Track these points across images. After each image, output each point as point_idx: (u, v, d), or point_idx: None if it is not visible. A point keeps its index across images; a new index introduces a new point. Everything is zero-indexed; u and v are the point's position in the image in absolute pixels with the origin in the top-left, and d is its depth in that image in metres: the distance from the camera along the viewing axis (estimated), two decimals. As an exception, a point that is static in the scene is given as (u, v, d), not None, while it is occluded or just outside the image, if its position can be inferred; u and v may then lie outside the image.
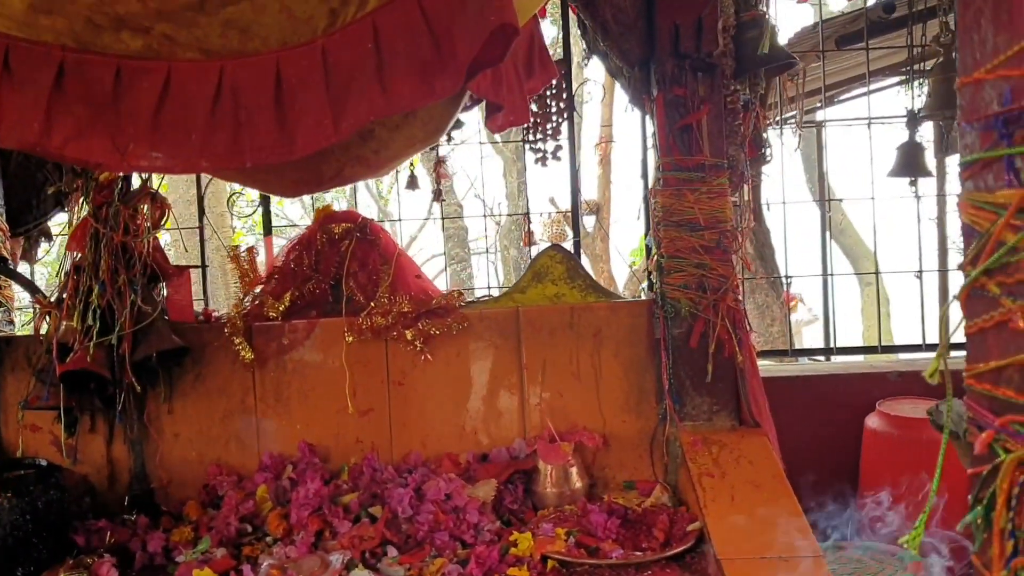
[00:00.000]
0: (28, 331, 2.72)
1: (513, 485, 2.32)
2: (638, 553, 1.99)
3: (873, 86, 4.81)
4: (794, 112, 4.78)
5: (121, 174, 2.36)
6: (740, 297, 2.44)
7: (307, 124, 1.44)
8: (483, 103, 2.13)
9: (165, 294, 2.43)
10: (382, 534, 2.06)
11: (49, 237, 3.01)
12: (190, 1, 1.39)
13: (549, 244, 3.40)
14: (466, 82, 1.41)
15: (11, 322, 2.66)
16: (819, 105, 5.57)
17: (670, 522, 2.12)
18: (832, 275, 4.28)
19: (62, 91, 1.41)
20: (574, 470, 2.33)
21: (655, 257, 2.47)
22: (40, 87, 1.39)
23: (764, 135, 2.94)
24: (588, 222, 11.10)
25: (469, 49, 1.32)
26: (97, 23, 1.40)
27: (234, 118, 1.46)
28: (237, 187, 6.17)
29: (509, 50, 1.37)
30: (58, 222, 3.05)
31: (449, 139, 4.00)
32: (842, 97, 6.16)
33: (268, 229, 3.53)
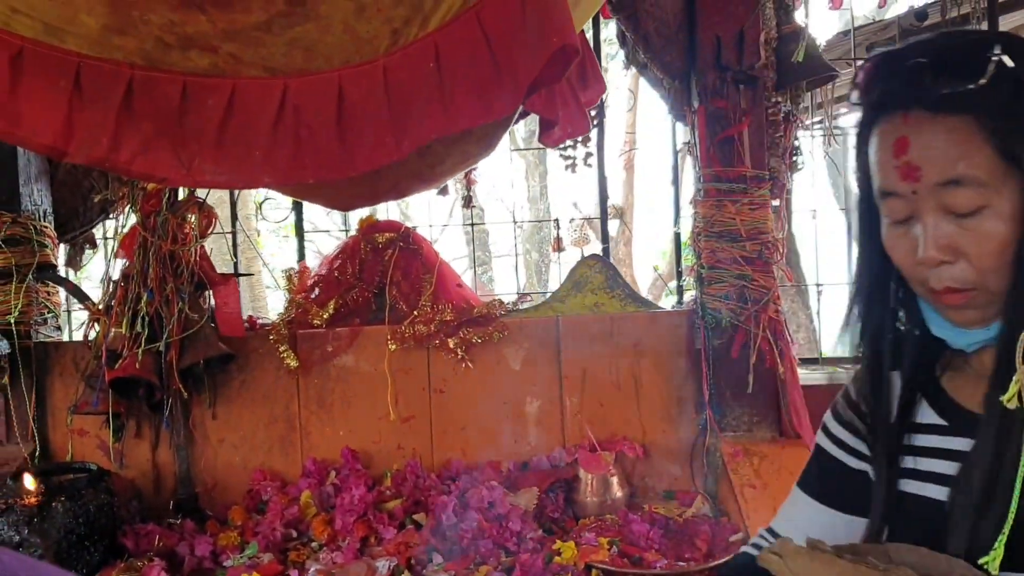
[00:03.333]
0: (76, 338, 2.77)
1: (554, 494, 2.34)
2: (681, 563, 2.01)
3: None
4: (822, 119, 4.77)
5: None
6: (781, 308, 2.45)
7: (368, 141, 1.47)
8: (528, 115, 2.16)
9: (213, 303, 2.46)
10: (427, 541, 2.08)
11: (94, 245, 3.06)
12: (258, 21, 1.42)
13: (579, 251, 3.43)
14: (524, 100, 1.43)
15: (59, 328, 2.71)
16: (845, 111, 5.57)
17: (712, 533, 2.13)
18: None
19: (130, 108, 1.44)
20: (615, 479, 2.35)
21: (695, 267, 2.48)
22: (109, 104, 1.43)
23: (796, 143, 2.95)
24: (611, 227, 11.12)
25: (529, 70, 1.34)
26: (167, 42, 1.44)
27: (296, 135, 1.49)
28: (266, 192, 6.21)
29: (569, 69, 1.39)
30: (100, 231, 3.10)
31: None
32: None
33: (300, 234, 3.57)
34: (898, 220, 1.03)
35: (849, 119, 5.86)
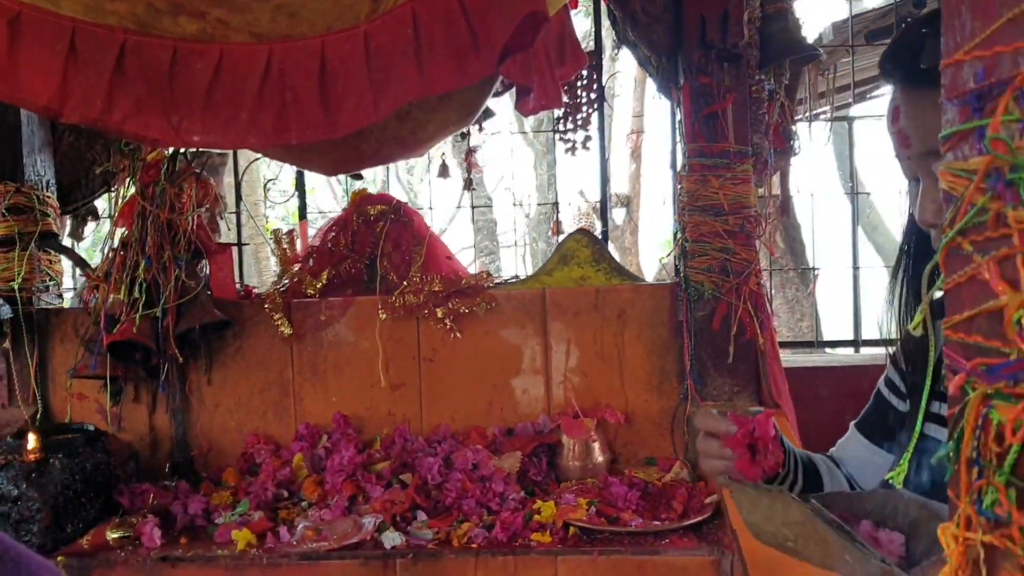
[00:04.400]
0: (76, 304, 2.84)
1: (537, 458, 2.40)
2: (657, 523, 2.07)
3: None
4: (825, 108, 4.82)
5: (167, 155, 2.47)
6: (763, 281, 2.50)
7: (349, 104, 1.53)
8: (514, 88, 2.22)
9: (208, 271, 2.53)
10: (412, 499, 2.15)
11: (96, 216, 3.13)
12: (245, -12, 1.49)
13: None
14: (497, 67, 1.49)
15: (60, 295, 2.78)
16: (850, 101, 5.60)
17: (688, 495, 2.20)
18: (859, 268, 4.33)
19: (123, 71, 1.51)
20: (596, 445, 2.42)
21: (679, 241, 2.54)
22: (103, 67, 1.49)
23: (793, 128, 3.01)
24: (618, 215, 11.17)
25: (501, 35, 1.41)
26: (157, 8, 1.50)
27: (281, 98, 1.55)
28: (272, 175, 6.30)
29: (539, 36, 1.45)
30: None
31: (481, 129, 4.08)
32: (873, 93, 6.18)
33: (303, 215, 3.65)
34: (910, 180, 1.13)
35: (855, 107, 5.89)
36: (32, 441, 2.07)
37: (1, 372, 2.59)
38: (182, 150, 2.48)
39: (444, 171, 4.58)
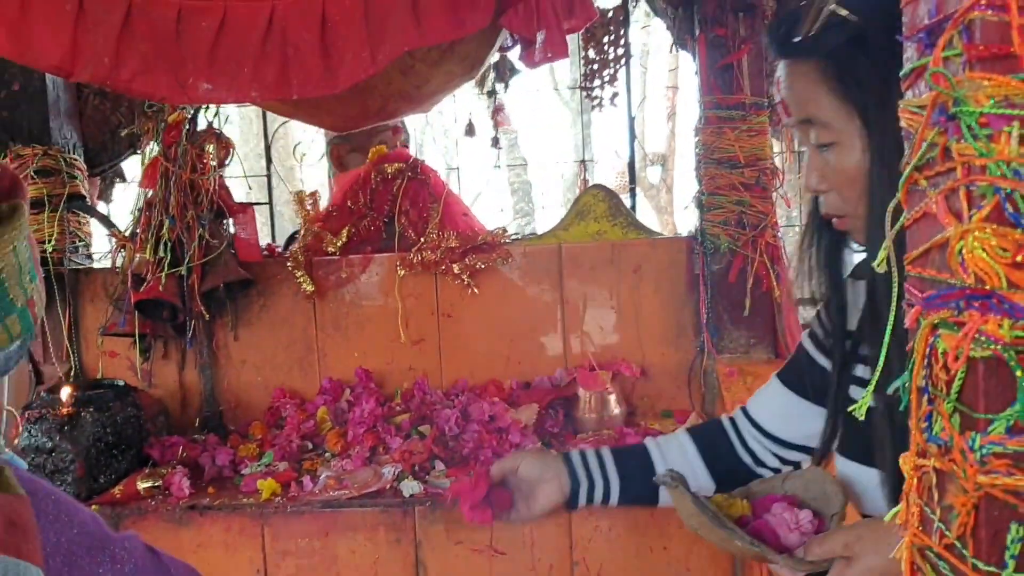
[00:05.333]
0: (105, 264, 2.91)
1: (554, 410, 2.44)
2: (669, 472, 2.10)
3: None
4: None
5: (188, 116, 2.52)
6: (779, 234, 2.50)
7: (348, 58, 1.56)
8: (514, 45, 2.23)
9: (233, 230, 2.58)
10: (430, 450, 2.21)
11: (124, 178, 3.20)
12: (246, -54, 1.51)
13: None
14: (496, 17, 1.51)
15: (89, 256, 2.86)
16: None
17: (702, 446, 2.22)
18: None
19: (130, 30, 1.55)
20: (612, 397, 2.45)
21: (696, 195, 2.54)
22: (110, 26, 1.53)
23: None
24: (655, 174, 11.10)
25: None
26: (162, -32, 1.54)
27: (282, 54, 1.58)
28: (300, 137, 6.35)
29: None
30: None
31: (506, 87, 4.08)
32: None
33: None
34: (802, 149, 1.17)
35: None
36: (65, 394, 2.14)
37: (38, 329, 2.68)
38: (203, 110, 2.52)
39: (470, 130, 4.58)
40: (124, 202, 3.25)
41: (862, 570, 1.08)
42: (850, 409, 0.92)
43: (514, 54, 2.77)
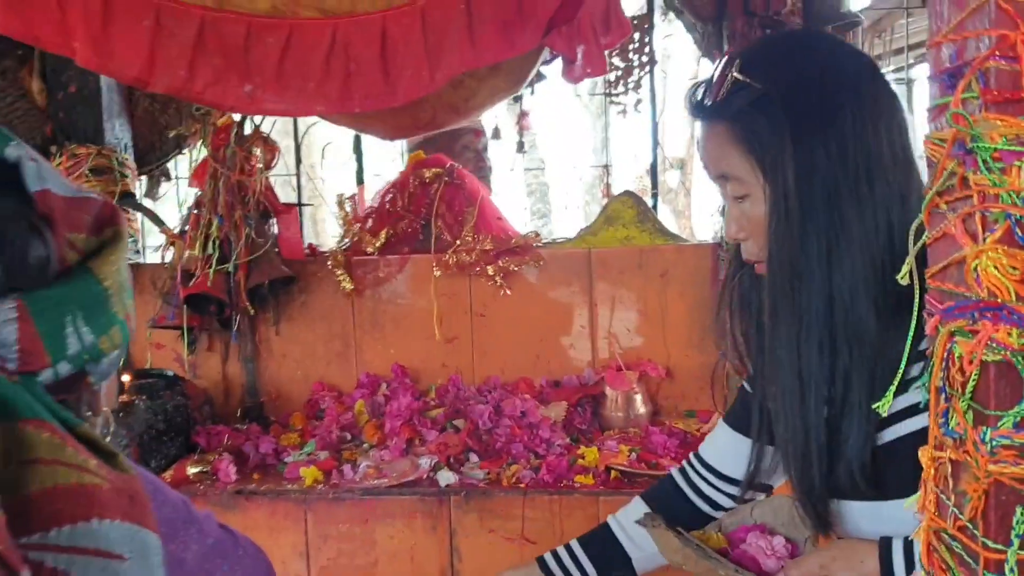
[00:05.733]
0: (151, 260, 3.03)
1: (582, 408, 2.54)
2: (693, 468, 2.20)
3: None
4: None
5: (236, 120, 2.63)
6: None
7: (408, 75, 1.67)
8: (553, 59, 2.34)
9: (276, 231, 2.70)
10: (465, 443, 2.32)
11: (168, 176, 3.33)
12: (313, -32, 1.62)
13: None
14: (543, 38, 1.61)
15: (137, 251, 2.98)
16: (910, 63, 5.56)
17: (725, 444, 2.32)
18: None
19: (203, 45, 1.66)
20: (638, 397, 2.55)
21: (721, 203, 2.64)
22: (185, 41, 1.64)
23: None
24: (673, 178, 11.16)
25: (546, 9, 1.52)
26: (234, -13, 1.65)
27: (345, 69, 1.69)
28: (327, 139, 6.48)
29: (580, 9, 1.56)
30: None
31: (532, 92, 4.17)
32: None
33: (360, 179, 3.81)
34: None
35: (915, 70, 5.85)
36: (124, 382, 2.26)
37: (87, 322, 2.80)
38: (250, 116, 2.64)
39: (496, 134, 4.68)
40: (168, 200, 3.37)
41: None
42: (875, 406, 1.01)
43: (550, 69, 2.87)
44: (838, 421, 1.17)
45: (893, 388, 0.99)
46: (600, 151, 12.01)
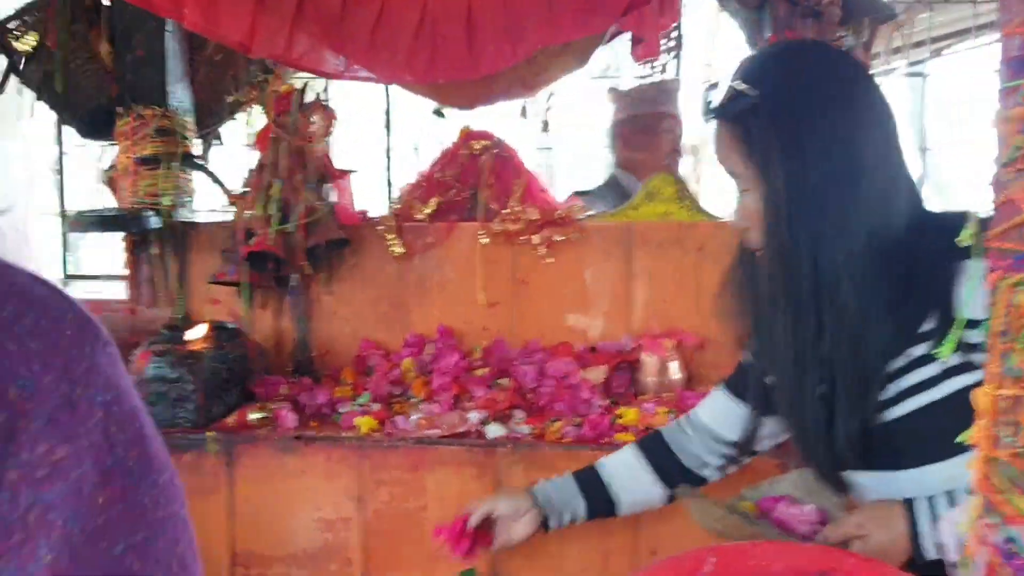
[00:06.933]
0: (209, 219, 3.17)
1: (619, 372, 2.68)
2: (727, 430, 2.35)
3: (981, 40, 4.91)
4: (900, 63, 4.91)
5: (297, 88, 2.76)
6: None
7: (490, 50, 1.80)
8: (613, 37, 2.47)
9: (332, 195, 2.83)
10: (511, 399, 2.46)
11: (220, 140, 3.46)
12: (408, -53, 1.74)
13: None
14: (620, 18, 1.74)
15: (192, 211, 3.11)
16: (926, 56, 5.66)
17: (756, 410, 2.46)
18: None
19: (302, 15, 1.79)
20: (674, 363, 2.69)
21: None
22: (286, 11, 1.77)
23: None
24: (685, 164, 11.25)
25: (629, -8, 1.65)
26: (333, -38, 1.77)
27: (432, 43, 1.82)
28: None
29: (660, -6, 1.69)
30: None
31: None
32: (951, 49, 6.20)
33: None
34: None
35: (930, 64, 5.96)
36: (202, 331, 2.41)
37: (148, 277, 2.95)
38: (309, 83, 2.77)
39: (524, 112, 4.80)
40: (218, 162, 3.50)
41: (874, 545, 1.33)
42: (932, 352, 1.16)
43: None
44: (831, 401, 1.33)
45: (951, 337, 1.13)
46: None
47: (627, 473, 1.78)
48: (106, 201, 3.10)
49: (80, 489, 0.54)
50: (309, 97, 2.75)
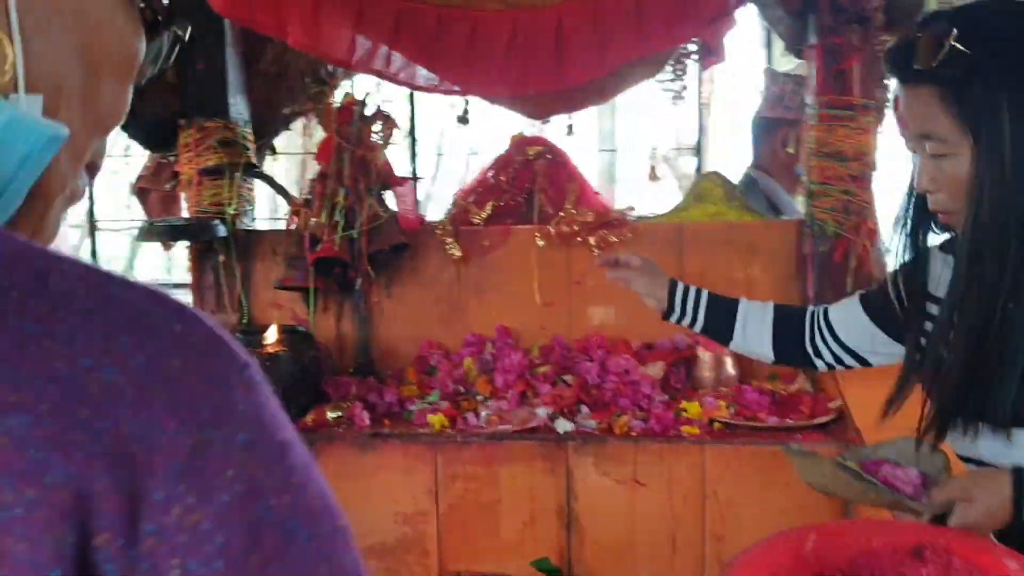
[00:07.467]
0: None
1: (677, 368, 2.78)
2: (788, 421, 2.45)
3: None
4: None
5: (360, 100, 2.86)
6: (877, 220, 2.83)
7: (579, 62, 1.90)
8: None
9: (394, 202, 2.93)
10: (577, 395, 2.56)
11: (274, 150, 3.56)
12: (501, -32, 1.84)
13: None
14: (704, 30, 1.84)
15: (253, 219, 3.21)
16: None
17: (813, 402, 2.56)
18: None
19: (399, 33, 1.89)
20: (729, 359, 2.78)
21: (805, 184, 2.87)
22: (383, 29, 1.87)
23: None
24: (686, 163, 11.33)
25: (711, 6, 1.75)
26: (429, -19, 1.87)
27: (523, 56, 1.92)
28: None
29: (739, 4, 1.78)
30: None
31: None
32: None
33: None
34: (912, 152, 1.48)
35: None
36: (274, 334, 2.50)
37: (213, 283, 3.04)
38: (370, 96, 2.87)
39: (570, 130, 4.90)
40: (271, 171, 3.60)
41: (980, 509, 1.36)
42: None
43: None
44: (991, 358, 1.37)
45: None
46: (608, 138, 12.19)
47: (755, 322, 1.88)
48: (134, 212, 3.19)
49: (226, 554, 0.47)
50: (369, 108, 2.86)
